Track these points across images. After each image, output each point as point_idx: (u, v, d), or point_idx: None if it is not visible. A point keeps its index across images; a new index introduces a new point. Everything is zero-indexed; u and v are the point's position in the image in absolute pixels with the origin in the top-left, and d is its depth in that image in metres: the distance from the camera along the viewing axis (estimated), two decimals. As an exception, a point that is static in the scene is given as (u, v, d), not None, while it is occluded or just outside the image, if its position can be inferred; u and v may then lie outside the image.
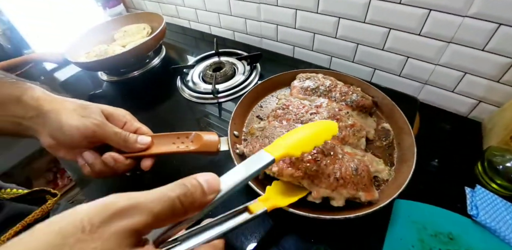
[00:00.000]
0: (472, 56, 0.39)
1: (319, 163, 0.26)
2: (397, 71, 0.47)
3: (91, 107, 0.28)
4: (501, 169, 0.33)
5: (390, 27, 0.44)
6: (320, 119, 0.31)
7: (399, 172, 0.29)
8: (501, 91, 0.40)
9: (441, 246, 0.29)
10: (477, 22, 0.36)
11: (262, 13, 0.58)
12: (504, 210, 0.31)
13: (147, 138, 0.29)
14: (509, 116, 0.37)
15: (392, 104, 0.36)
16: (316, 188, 0.25)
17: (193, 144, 0.30)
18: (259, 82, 0.42)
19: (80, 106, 0.27)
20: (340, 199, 0.26)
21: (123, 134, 0.28)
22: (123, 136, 0.28)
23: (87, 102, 0.29)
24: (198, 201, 0.15)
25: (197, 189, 0.16)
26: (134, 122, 0.30)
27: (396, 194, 0.26)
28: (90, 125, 0.26)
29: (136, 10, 0.93)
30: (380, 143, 0.33)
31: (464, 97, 0.43)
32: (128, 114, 0.31)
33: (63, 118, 0.25)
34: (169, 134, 0.30)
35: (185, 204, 0.15)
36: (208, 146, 0.29)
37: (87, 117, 0.26)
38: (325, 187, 0.25)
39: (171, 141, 0.30)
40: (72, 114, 0.26)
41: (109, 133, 0.27)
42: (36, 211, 0.29)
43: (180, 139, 0.30)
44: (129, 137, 0.28)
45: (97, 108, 0.28)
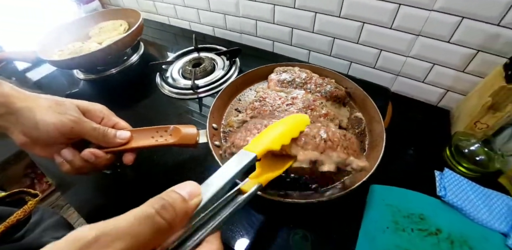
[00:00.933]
0: (439, 48, 0.42)
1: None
2: (372, 64, 0.50)
3: (66, 103, 0.27)
4: (466, 153, 0.36)
5: (364, 21, 0.46)
6: (295, 110, 0.32)
7: (369, 157, 0.31)
8: (466, 81, 0.43)
9: (413, 226, 0.31)
10: (442, 15, 0.39)
11: (241, 8, 0.59)
12: (470, 190, 0.34)
13: (126, 133, 0.29)
14: (473, 104, 0.40)
15: (364, 95, 0.38)
16: (302, 150, 0.24)
17: (172, 137, 0.30)
18: (238, 76, 0.42)
19: (55, 103, 0.27)
20: (330, 163, 0.24)
21: (101, 129, 0.28)
22: (102, 131, 0.28)
23: (62, 99, 0.28)
24: (181, 210, 0.14)
25: (175, 199, 0.14)
26: (112, 117, 0.30)
27: (366, 177, 0.28)
28: (67, 121, 0.26)
29: (112, 6, 0.91)
30: (353, 131, 0.35)
31: (434, 87, 0.46)
32: (106, 109, 0.31)
33: (38, 116, 0.25)
34: (148, 128, 0.31)
35: (167, 218, 0.13)
36: (187, 139, 0.30)
37: (63, 114, 0.26)
38: (312, 149, 0.24)
39: (150, 135, 0.30)
40: (47, 111, 0.25)
41: (87, 128, 0.27)
42: (18, 211, 0.29)
43: (159, 133, 0.31)
44: (108, 132, 0.28)
45: (73, 104, 0.28)
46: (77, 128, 0.26)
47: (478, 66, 0.41)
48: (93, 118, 0.29)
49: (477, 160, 0.35)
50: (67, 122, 0.26)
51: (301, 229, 0.29)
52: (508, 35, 0.36)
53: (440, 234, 0.31)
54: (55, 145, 0.27)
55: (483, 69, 0.41)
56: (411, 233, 0.31)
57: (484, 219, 0.31)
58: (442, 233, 0.31)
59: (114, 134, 0.28)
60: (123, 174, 0.38)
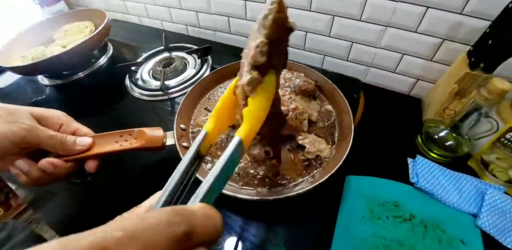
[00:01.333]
0: (408, 38, 0.43)
1: None
2: (344, 57, 0.51)
3: (18, 111, 0.26)
4: (436, 139, 0.37)
5: (334, 14, 0.46)
6: None
7: (338, 149, 0.32)
8: (435, 69, 0.45)
9: (388, 214, 0.32)
10: (409, 6, 0.40)
11: (212, 5, 0.58)
12: (441, 175, 0.35)
13: (87, 139, 0.28)
14: (441, 91, 0.42)
15: (334, 88, 0.38)
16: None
17: (137, 141, 0.29)
18: (207, 74, 0.42)
19: (5, 112, 0.25)
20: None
21: (59, 136, 0.27)
22: (60, 139, 0.27)
23: (14, 106, 0.27)
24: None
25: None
26: (72, 123, 0.29)
27: (334, 170, 0.28)
28: (19, 130, 0.25)
29: (80, 7, 0.87)
30: (323, 123, 0.35)
31: (405, 76, 0.48)
32: (64, 116, 0.30)
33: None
34: (111, 133, 0.30)
35: None
36: (153, 141, 0.29)
37: (13, 122, 0.25)
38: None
39: (114, 139, 0.29)
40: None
41: (42, 137, 0.26)
42: None
43: (123, 137, 0.30)
44: (66, 139, 0.27)
45: (26, 111, 0.26)
46: (30, 137, 0.25)
47: (445, 54, 0.43)
48: (50, 126, 0.27)
49: (447, 145, 0.37)
50: (18, 131, 0.25)
51: (275, 224, 0.29)
52: (470, 23, 0.38)
53: (414, 219, 0.32)
54: (9, 156, 0.26)
55: (449, 57, 0.43)
56: (386, 221, 0.32)
57: (455, 202, 0.33)
58: (415, 218, 0.32)
59: (73, 141, 0.27)
60: (93, 182, 0.37)
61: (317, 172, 0.31)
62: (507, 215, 0.31)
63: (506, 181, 0.34)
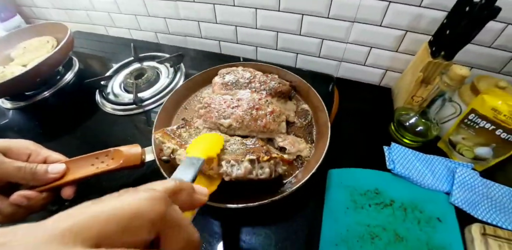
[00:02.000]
0: (374, 32, 0.46)
1: None
2: (316, 53, 0.53)
3: None
4: (407, 125, 0.41)
5: (302, 13, 0.48)
6: (241, 112, 0.33)
7: (317, 147, 0.34)
8: (401, 60, 0.48)
9: (370, 202, 0.35)
10: (372, 1, 0.43)
11: (180, 10, 0.58)
12: (415, 159, 0.38)
13: (59, 165, 0.27)
14: (408, 80, 0.45)
15: (308, 86, 0.40)
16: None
17: (114, 161, 0.29)
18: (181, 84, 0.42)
19: None
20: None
21: (28, 167, 0.25)
22: (29, 169, 0.25)
23: None
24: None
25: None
26: (41, 151, 0.28)
27: (314, 169, 0.30)
28: None
29: (38, 20, 0.83)
30: (301, 123, 0.37)
31: (374, 68, 0.51)
32: (32, 144, 0.28)
33: None
34: (86, 156, 0.29)
35: None
36: (131, 160, 0.29)
37: None
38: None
39: (89, 162, 0.29)
40: None
41: (9, 169, 0.25)
42: None
43: (99, 159, 0.29)
44: (37, 169, 0.26)
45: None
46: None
47: (409, 45, 0.46)
48: (17, 157, 0.26)
49: (417, 131, 0.40)
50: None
51: (263, 227, 0.30)
52: (429, 15, 0.41)
53: (394, 204, 0.35)
54: None
55: (413, 47, 0.46)
56: (369, 209, 0.34)
57: (429, 183, 0.36)
58: (395, 203, 0.35)
59: (45, 170, 0.26)
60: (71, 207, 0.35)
61: (299, 172, 0.32)
62: (476, 189, 0.35)
63: (473, 158, 0.38)
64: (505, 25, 0.40)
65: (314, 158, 0.33)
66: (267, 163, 0.27)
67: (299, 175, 0.32)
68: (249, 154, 0.27)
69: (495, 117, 0.35)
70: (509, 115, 0.34)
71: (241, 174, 0.26)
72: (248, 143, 0.29)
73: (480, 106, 0.36)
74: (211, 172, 0.26)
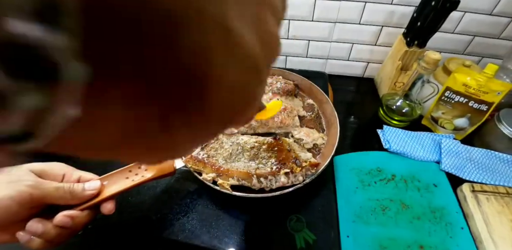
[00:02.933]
0: (353, 30, 0.54)
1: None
2: (304, 54, 0.60)
3: (17, 170, 0.25)
4: (394, 109, 0.48)
5: (289, 19, 0.55)
6: None
7: (329, 135, 0.40)
8: (380, 52, 0.56)
9: (375, 179, 0.41)
10: (350, 3, 0.50)
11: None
12: (406, 137, 0.45)
13: (95, 182, 0.28)
14: (389, 69, 0.52)
15: (310, 83, 0.46)
16: None
17: (149, 171, 0.31)
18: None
19: (4, 174, 0.24)
20: None
21: (66, 186, 0.26)
22: (67, 188, 0.26)
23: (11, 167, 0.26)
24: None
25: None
26: (74, 172, 0.29)
27: (333, 152, 0.35)
28: (25, 188, 0.24)
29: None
30: (310, 116, 0.43)
31: (357, 62, 0.58)
32: (65, 166, 0.29)
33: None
34: (119, 170, 0.30)
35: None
36: (164, 169, 0.31)
37: (16, 182, 0.24)
38: None
39: (124, 176, 0.30)
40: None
41: (48, 190, 0.25)
42: None
43: (132, 172, 0.31)
44: (74, 188, 0.27)
45: (25, 169, 0.26)
46: (37, 193, 0.24)
47: (385, 38, 0.54)
48: (52, 178, 0.27)
49: (404, 112, 0.47)
50: (24, 190, 0.24)
51: (292, 213, 0.35)
52: (400, 11, 0.49)
53: (395, 178, 0.41)
54: (16, 223, 0.24)
55: (389, 40, 0.54)
56: (375, 185, 0.40)
57: (421, 155, 0.43)
58: (396, 176, 0.41)
59: (82, 188, 0.27)
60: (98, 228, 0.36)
61: (318, 158, 0.38)
62: (460, 155, 0.42)
63: (453, 129, 0.46)
64: (463, 13, 0.49)
65: (328, 144, 0.38)
66: (300, 172, 0.32)
67: (319, 160, 0.37)
68: (283, 167, 0.32)
69: (467, 91, 0.42)
70: (477, 88, 0.41)
71: (279, 185, 0.32)
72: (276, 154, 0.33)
73: (453, 84, 0.43)
74: None
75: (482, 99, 0.42)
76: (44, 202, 0.25)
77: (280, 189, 0.32)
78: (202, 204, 0.37)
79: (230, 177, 0.32)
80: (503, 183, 0.39)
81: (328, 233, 0.34)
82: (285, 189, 0.32)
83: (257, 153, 0.34)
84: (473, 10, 0.48)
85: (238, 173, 0.32)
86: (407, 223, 0.36)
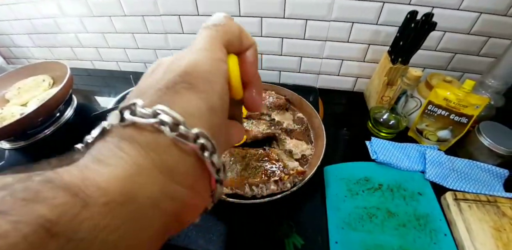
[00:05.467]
0: (343, 47, 0.62)
1: None
2: (297, 69, 0.68)
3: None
4: (382, 121, 0.55)
5: (282, 37, 0.64)
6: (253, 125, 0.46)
7: (316, 146, 0.46)
8: (368, 68, 0.64)
9: (363, 188, 0.47)
10: (338, 23, 0.59)
11: (170, 41, 0.72)
12: (392, 148, 0.52)
13: None
14: (376, 83, 0.60)
15: (300, 98, 0.54)
16: None
17: None
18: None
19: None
20: None
21: None
22: None
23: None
24: None
25: None
26: None
27: (319, 162, 0.42)
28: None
29: (19, 59, 0.94)
30: (299, 129, 0.50)
31: (347, 77, 0.67)
32: None
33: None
34: None
35: None
36: None
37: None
38: None
39: None
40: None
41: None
42: None
43: None
44: None
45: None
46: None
47: (372, 55, 0.63)
48: None
49: (390, 125, 0.54)
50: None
51: (283, 219, 0.41)
52: (385, 30, 0.58)
53: (382, 187, 0.47)
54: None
55: (376, 57, 0.62)
56: (363, 194, 0.46)
57: (407, 165, 0.49)
58: (383, 185, 0.47)
59: None
60: None
61: (305, 167, 0.44)
62: (443, 165, 0.48)
63: (437, 140, 0.52)
64: (443, 33, 0.58)
65: (315, 155, 0.45)
66: (288, 180, 0.38)
67: (306, 170, 0.43)
68: (273, 175, 0.38)
69: (448, 105, 0.49)
70: (457, 102, 0.48)
71: (269, 192, 0.38)
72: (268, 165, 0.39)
73: (435, 98, 0.50)
74: None
75: (462, 112, 0.49)
76: None
77: (270, 195, 0.38)
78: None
79: (225, 187, 0.38)
80: (484, 191, 0.45)
81: (316, 238, 0.39)
82: (274, 196, 0.38)
83: (248, 163, 0.40)
84: (453, 30, 0.57)
85: (232, 183, 0.38)
86: (393, 230, 0.41)
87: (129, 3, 0.66)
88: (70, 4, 0.71)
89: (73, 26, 0.76)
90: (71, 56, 0.86)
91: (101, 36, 0.76)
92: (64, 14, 0.74)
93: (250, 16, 0.61)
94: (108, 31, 0.74)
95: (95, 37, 0.77)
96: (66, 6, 0.71)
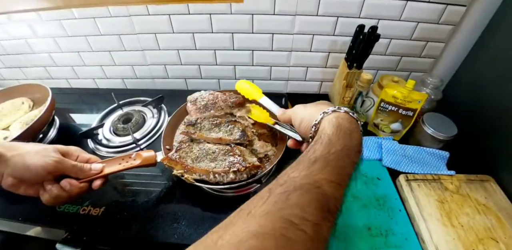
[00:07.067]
0: (306, 56, 0.73)
1: None
2: (267, 77, 0.79)
3: (48, 148, 0.42)
4: (345, 120, 0.65)
5: (252, 49, 0.74)
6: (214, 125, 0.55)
7: (279, 149, 0.55)
8: (330, 73, 0.76)
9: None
10: (301, 36, 0.70)
11: (147, 58, 0.79)
12: (355, 142, 0.62)
13: (99, 165, 0.45)
14: (337, 86, 0.72)
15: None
16: None
17: (136, 161, 0.47)
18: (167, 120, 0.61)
19: (41, 149, 0.41)
20: None
21: (78, 165, 0.43)
22: (80, 167, 0.43)
23: (45, 145, 0.43)
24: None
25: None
26: (85, 154, 0.46)
27: (276, 161, 0.50)
28: (52, 162, 0.39)
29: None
30: (268, 133, 0.59)
31: (312, 82, 0.78)
32: (79, 150, 0.46)
33: (28, 160, 0.39)
34: (116, 157, 0.47)
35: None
36: (148, 160, 0.47)
37: (48, 156, 0.40)
38: None
39: (117, 162, 0.46)
40: (36, 155, 0.39)
41: (67, 166, 0.41)
42: None
43: (124, 160, 0.47)
44: (84, 166, 0.43)
45: (54, 148, 0.42)
46: (59, 166, 0.40)
47: (332, 62, 0.74)
48: (70, 157, 0.44)
49: (352, 122, 0.65)
50: (52, 163, 0.39)
51: None
52: (341, 40, 0.70)
53: (348, 175, 0.57)
54: (40, 183, 0.40)
55: (335, 63, 0.74)
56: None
57: (367, 155, 0.60)
58: (348, 174, 0.57)
59: (89, 167, 0.44)
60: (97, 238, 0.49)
61: (267, 164, 0.53)
62: (397, 152, 0.60)
63: (390, 132, 0.64)
64: (390, 40, 0.70)
65: (276, 155, 0.54)
66: (245, 171, 0.48)
67: (267, 166, 0.52)
68: (232, 166, 0.47)
69: (396, 102, 0.61)
70: (403, 99, 0.60)
71: (229, 180, 0.47)
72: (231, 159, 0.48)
73: (385, 96, 0.62)
74: None
75: (408, 107, 0.61)
76: (62, 172, 0.41)
77: (230, 183, 0.47)
78: (187, 211, 0.51)
79: (194, 173, 0.47)
80: (430, 171, 0.57)
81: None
82: (233, 184, 0.47)
83: (216, 157, 0.49)
84: (397, 37, 0.70)
85: (200, 170, 0.47)
86: (357, 211, 0.51)
87: (104, 23, 0.72)
88: (42, 25, 0.75)
89: (45, 46, 0.80)
90: (45, 76, 0.89)
91: (77, 55, 0.81)
92: (36, 35, 0.77)
93: (222, 32, 0.70)
94: (84, 50, 0.79)
95: (70, 56, 0.82)
96: (38, 27, 0.76)
